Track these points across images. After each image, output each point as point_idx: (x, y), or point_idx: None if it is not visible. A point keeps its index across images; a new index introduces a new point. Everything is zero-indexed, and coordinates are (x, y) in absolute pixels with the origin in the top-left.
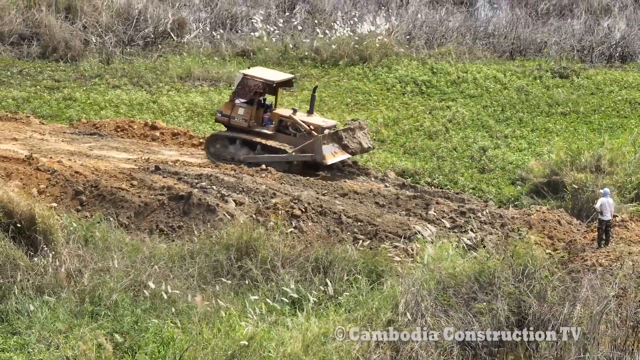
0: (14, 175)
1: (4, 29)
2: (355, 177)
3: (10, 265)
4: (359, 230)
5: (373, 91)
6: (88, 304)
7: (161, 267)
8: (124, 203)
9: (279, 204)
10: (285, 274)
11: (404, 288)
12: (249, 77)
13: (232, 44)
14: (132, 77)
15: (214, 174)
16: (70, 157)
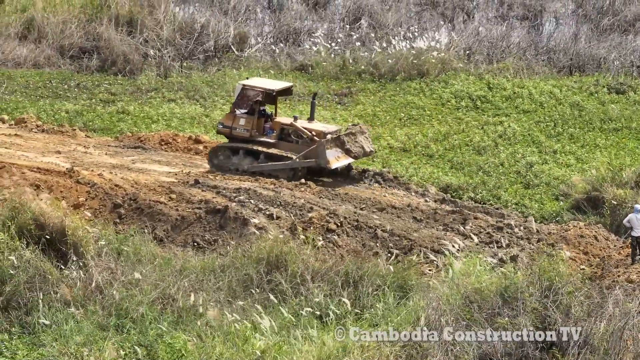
0: (54, 187)
1: (64, 43)
2: (392, 190)
3: (39, 278)
4: (394, 244)
5: (427, 106)
6: (113, 317)
7: (191, 281)
8: (161, 216)
9: (315, 218)
10: (315, 288)
11: (425, 303)
12: (248, 87)
13: (291, 58)
14: (189, 90)
15: (253, 187)
16: (112, 170)
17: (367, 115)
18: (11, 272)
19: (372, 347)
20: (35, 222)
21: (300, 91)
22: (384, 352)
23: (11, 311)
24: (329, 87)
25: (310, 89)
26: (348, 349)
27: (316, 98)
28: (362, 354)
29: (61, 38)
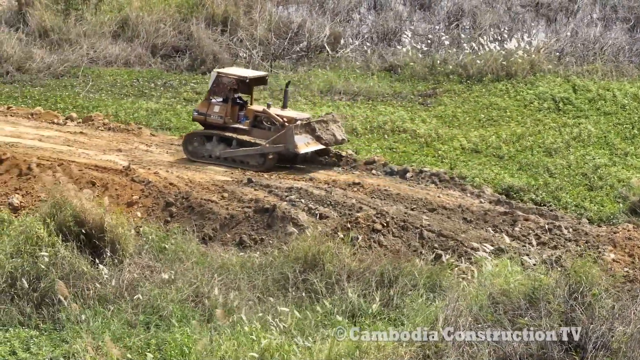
0: (110, 185)
1: (157, 42)
2: (447, 191)
3: (74, 274)
4: (439, 245)
5: (510, 107)
6: (141, 314)
7: (226, 279)
8: (211, 215)
9: (361, 218)
10: (349, 287)
11: (444, 303)
12: (222, 75)
13: (382, 58)
14: (273, 90)
15: (305, 187)
16: (169, 169)
17: (447, 116)
18: (45, 268)
19: (388, 347)
20: (75, 219)
21: (385, 91)
22: (400, 352)
23: (44, 307)
24: (414, 88)
25: (395, 90)
26: (363, 349)
27: (289, 86)
28: (378, 353)
29: (154, 37)
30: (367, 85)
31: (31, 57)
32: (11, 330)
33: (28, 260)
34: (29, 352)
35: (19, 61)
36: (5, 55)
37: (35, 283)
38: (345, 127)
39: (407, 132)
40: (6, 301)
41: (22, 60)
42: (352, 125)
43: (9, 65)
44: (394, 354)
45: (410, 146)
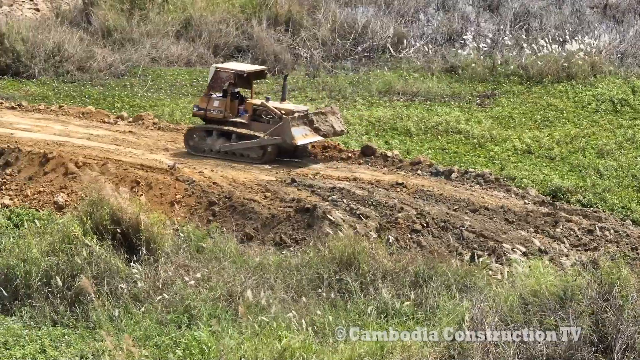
0: (154, 184)
1: (220, 42)
2: (492, 192)
3: (108, 273)
4: (479, 246)
5: (567, 109)
6: (171, 313)
7: (262, 278)
8: (252, 214)
9: (401, 219)
10: (383, 287)
11: (470, 304)
12: (220, 70)
13: (444, 59)
14: (332, 90)
15: (347, 187)
16: (214, 169)
17: (503, 117)
18: (80, 266)
19: (413, 347)
20: (111, 218)
21: (444, 92)
22: (424, 353)
23: (78, 306)
24: (473, 89)
25: (454, 90)
26: (388, 349)
27: (287, 79)
28: (403, 353)
29: (217, 37)
30: (426, 86)
31: (92, 57)
32: (44, 328)
33: (63, 259)
34: (58, 350)
35: (79, 61)
36: (66, 55)
37: (70, 281)
38: (400, 128)
39: (461, 133)
40: (40, 299)
41: (83, 60)
42: (406, 126)
43: (69, 65)
44: (418, 354)
45: (462, 147)
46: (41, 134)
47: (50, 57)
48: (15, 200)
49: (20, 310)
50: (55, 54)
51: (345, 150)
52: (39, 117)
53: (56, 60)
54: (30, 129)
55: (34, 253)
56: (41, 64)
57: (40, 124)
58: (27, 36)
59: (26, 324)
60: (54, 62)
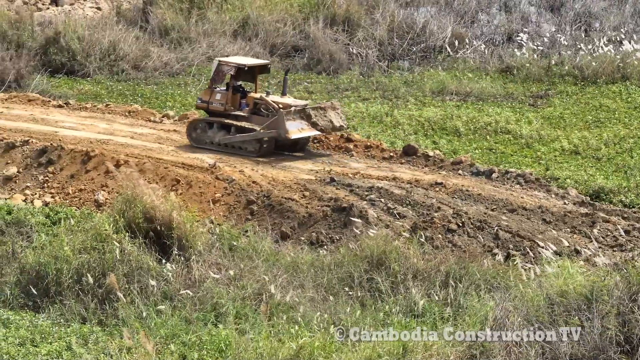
0: (194, 183)
1: (276, 41)
2: (532, 192)
3: (139, 272)
4: (514, 246)
5: (619, 109)
6: (197, 311)
7: (293, 277)
8: (289, 213)
9: (436, 218)
10: (413, 287)
11: (494, 303)
12: (223, 63)
13: (500, 60)
14: (385, 90)
15: (386, 186)
16: (254, 167)
17: (554, 118)
18: (111, 264)
19: (434, 347)
20: (144, 215)
21: (497, 92)
22: (446, 352)
23: (108, 303)
24: (527, 89)
25: (507, 91)
26: (409, 348)
27: (288, 74)
28: (425, 352)
29: (274, 36)
30: (479, 86)
31: (148, 56)
32: (73, 325)
33: (95, 257)
34: (84, 347)
35: (135, 59)
36: (121, 54)
37: (101, 279)
38: (449, 128)
39: (510, 133)
40: (71, 297)
41: (139, 59)
42: (455, 126)
43: (124, 64)
44: (438, 354)
45: (510, 147)
46: (85, 133)
47: (105, 56)
48: (56, 198)
49: (50, 307)
50: (111, 52)
51: (387, 149)
52: (85, 116)
53: (111, 59)
54: (75, 127)
55: (65, 251)
56: (96, 63)
57: (85, 122)
58: (83, 35)
59: (55, 321)
60: (109, 60)
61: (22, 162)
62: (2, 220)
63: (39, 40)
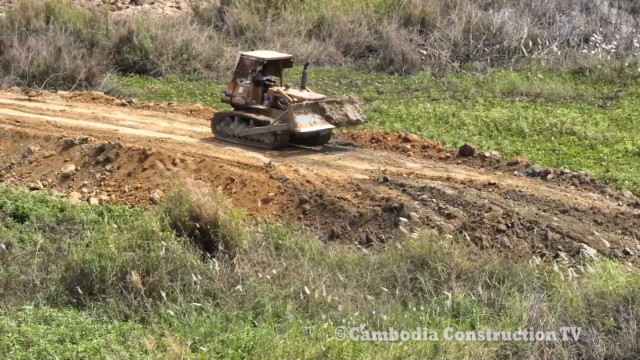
0: (248, 182)
1: (351, 41)
2: (586, 193)
3: (182, 269)
4: (563, 247)
5: None
6: (235, 310)
7: (336, 276)
8: (341, 213)
9: (486, 219)
10: (456, 287)
11: (528, 304)
12: (245, 57)
13: (574, 61)
14: (456, 91)
15: (438, 187)
16: (310, 167)
17: (621, 119)
18: (156, 262)
19: (466, 347)
20: (190, 214)
21: (567, 94)
22: (478, 352)
23: (151, 301)
24: (598, 91)
25: (578, 92)
26: (441, 348)
27: (307, 68)
28: (458, 352)
29: (349, 36)
30: (549, 87)
31: (221, 55)
32: (115, 322)
33: (139, 255)
34: (123, 344)
35: (207, 59)
36: (194, 53)
37: (145, 277)
38: (514, 129)
39: (575, 134)
40: (114, 294)
41: (211, 58)
42: (520, 127)
43: (196, 63)
44: (471, 354)
45: (573, 148)
46: (145, 131)
47: (177, 55)
48: (112, 196)
49: (93, 305)
50: (183, 51)
51: (444, 150)
52: (146, 114)
53: (183, 58)
54: (135, 126)
55: (110, 248)
56: (168, 62)
57: (146, 120)
58: (156, 34)
59: (98, 318)
60: (181, 59)
61: (80, 160)
62: (55, 217)
63: (113, 39)
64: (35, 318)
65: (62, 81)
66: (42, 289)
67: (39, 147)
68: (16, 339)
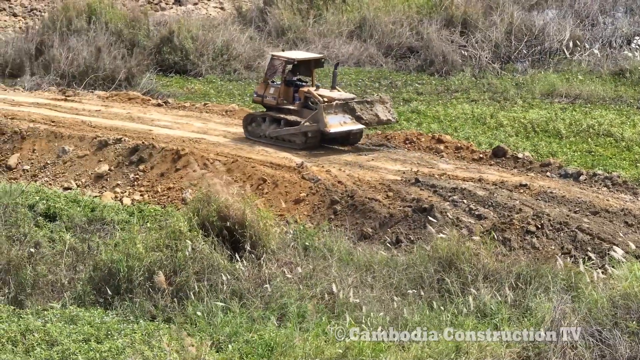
0: (279, 182)
1: (392, 42)
2: (618, 195)
3: (210, 269)
4: (592, 248)
5: None
6: (260, 310)
7: (364, 277)
8: (371, 213)
9: (515, 220)
10: (483, 288)
11: (551, 305)
12: (275, 57)
13: (615, 62)
14: (495, 92)
15: (469, 187)
16: (342, 167)
17: None
18: (183, 262)
19: (488, 347)
20: (218, 214)
21: (607, 95)
22: (500, 353)
23: (178, 301)
24: (638, 92)
25: (618, 93)
26: (463, 349)
27: (338, 67)
28: (480, 353)
29: (390, 37)
30: (589, 89)
31: (262, 55)
32: (141, 322)
33: (167, 254)
34: (148, 344)
35: (247, 59)
36: (234, 53)
37: (172, 277)
38: (550, 130)
39: (612, 136)
40: (141, 294)
41: (252, 59)
42: (557, 128)
43: (237, 63)
44: (492, 355)
45: (610, 150)
46: (179, 131)
47: (218, 56)
48: (145, 196)
49: (120, 305)
50: (224, 52)
51: (478, 151)
52: (181, 115)
53: (224, 59)
54: (170, 126)
55: (137, 248)
56: (209, 62)
57: (181, 121)
58: (196, 34)
59: (124, 318)
60: (221, 60)
61: (114, 160)
62: (85, 217)
63: (154, 39)
64: (62, 317)
65: (101, 81)
66: (70, 289)
67: (74, 147)
68: (41, 338)
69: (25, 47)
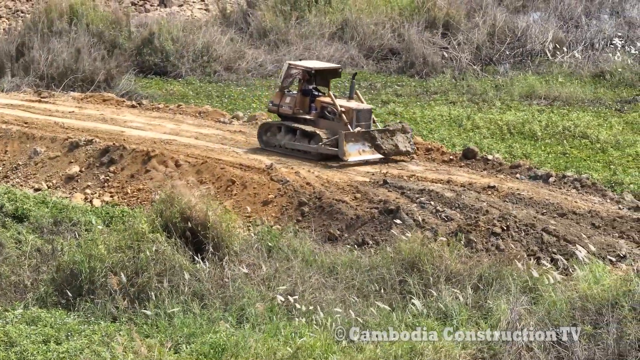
0: (248, 184)
1: (374, 44)
2: (587, 197)
3: (171, 271)
4: (558, 250)
5: None
6: (218, 311)
7: (325, 278)
8: (338, 215)
9: (481, 221)
10: (445, 290)
11: (507, 306)
12: (292, 66)
13: (595, 64)
14: (474, 94)
15: (437, 189)
16: (311, 169)
17: (636, 123)
18: (145, 263)
19: (443, 349)
20: (181, 215)
21: (586, 97)
22: (454, 355)
23: (139, 302)
24: (617, 94)
25: (597, 95)
26: (417, 350)
27: (355, 78)
28: (435, 355)
29: (372, 39)
30: (568, 91)
31: (242, 57)
32: (102, 323)
33: (129, 256)
34: (106, 345)
35: (228, 61)
36: (214, 55)
37: (134, 278)
38: (526, 132)
39: (587, 137)
40: (103, 296)
41: (232, 60)
42: (532, 130)
43: (217, 65)
44: (447, 356)
45: (584, 152)
46: (151, 133)
47: (198, 57)
48: (115, 198)
49: (82, 306)
50: (204, 54)
51: (448, 152)
52: (154, 116)
53: (204, 60)
54: (142, 128)
55: (99, 249)
56: (189, 64)
57: (153, 122)
58: (177, 36)
59: (85, 319)
60: (201, 62)
61: (85, 161)
62: (52, 218)
63: (135, 41)
64: (23, 319)
65: (80, 83)
66: (33, 290)
67: (45, 149)
68: (0, 339)
69: (6, 49)
